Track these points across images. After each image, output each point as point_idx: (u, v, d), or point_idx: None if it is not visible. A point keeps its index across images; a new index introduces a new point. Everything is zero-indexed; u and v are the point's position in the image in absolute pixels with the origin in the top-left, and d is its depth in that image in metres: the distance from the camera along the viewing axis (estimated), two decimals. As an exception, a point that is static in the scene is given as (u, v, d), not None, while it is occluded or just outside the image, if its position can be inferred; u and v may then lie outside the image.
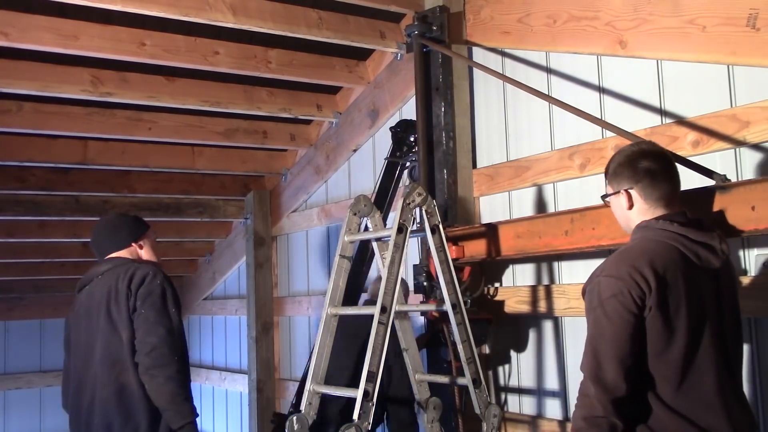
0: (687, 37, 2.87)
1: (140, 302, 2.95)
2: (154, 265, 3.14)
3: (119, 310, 2.97)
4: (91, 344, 3.03)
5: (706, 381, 2.03)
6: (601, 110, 3.28)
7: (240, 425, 6.62)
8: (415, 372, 3.22)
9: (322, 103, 5.09)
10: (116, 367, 2.96)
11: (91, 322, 3.05)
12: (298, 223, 5.78)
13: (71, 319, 3.20)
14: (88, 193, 5.70)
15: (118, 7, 3.50)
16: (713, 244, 2.10)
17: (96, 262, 3.22)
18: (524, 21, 3.58)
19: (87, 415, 3.01)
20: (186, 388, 2.98)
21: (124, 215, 3.36)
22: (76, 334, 3.15)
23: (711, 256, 2.10)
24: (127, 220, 3.29)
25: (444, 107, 3.78)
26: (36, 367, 8.13)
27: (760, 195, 2.26)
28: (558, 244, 2.95)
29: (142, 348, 2.91)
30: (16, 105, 4.49)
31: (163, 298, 2.99)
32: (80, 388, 3.06)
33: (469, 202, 3.83)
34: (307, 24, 4.05)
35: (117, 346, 2.96)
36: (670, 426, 2.01)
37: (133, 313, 2.96)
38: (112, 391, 2.95)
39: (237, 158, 5.74)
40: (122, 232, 3.21)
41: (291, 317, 5.93)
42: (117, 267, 3.09)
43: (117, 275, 3.03)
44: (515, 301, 3.57)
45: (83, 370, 3.06)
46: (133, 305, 2.96)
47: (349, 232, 3.07)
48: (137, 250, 3.22)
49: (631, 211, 2.21)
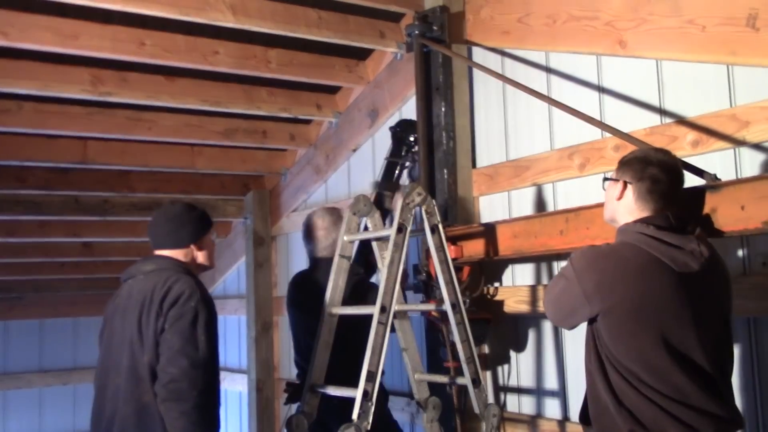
0: (687, 37, 2.87)
1: (168, 325, 2.75)
2: (196, 281, 2.88)
3: (148, 327, 2.77)
4: (120, 350, 2.84)
5: (674, 381, 2.06)
6: (600, 110, 3.28)
7: (239, 425, 6.62)
8: (414, 372, 3.23)
9: (322, 102, 5.09)
10: (140, 385, 2.77)
11: (125, 325, 2.85)
12: (297, 223, 5.76)
13: (109, 312, 2.99)
14: (88, 193, 5.70)
15: (118, 7, 3.50)
16: (690, 248, 2.12)
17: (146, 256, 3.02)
18: (524, 21, 3.59)
19: (107, 429, 2.85)
20: (203, 426, 2.77)
21: (192, 208, 3.04)
22: (109, 332, 2.95)
23: (689, 260, 2.11)
24: (193, 216, 3.00)
25: (444, 107, 3.78)
26: (36, 367, 8.12)
27: (749, 194, 2.26)
28: (554, 243, 2.95)
29: (161, 377, 2.73)
30: (16, 105, 4.49)
31: (194, 324, 2.76)
32: (103, 397, 2.89)
33: (468, 202, 3.83)
34: (307, 24, 4.05)
35: (142, 364, 2.77)
36: (647, 413, 2.07)
37: (159, 334, 2.76)
38: (133, 410, 2.78)
39: (237, 158, 5.74)
40: (184, 229, 2.96)
41: (291, 317, 5.92)
42: (161, 271, 2.87)
43: (155, 283, 2.81)
44: (515, 300, 3.57)
45: (109, 376, 2.88)
46: (162, 326, 2.76)
47: (349, 232, 3.08)
48: (194, 252, 2.98)
49: (618, 203, 2.25)
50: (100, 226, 6.34)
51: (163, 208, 3.09)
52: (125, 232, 6.55)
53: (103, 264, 7.28)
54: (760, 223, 2.23)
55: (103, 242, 6.87)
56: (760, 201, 2.24)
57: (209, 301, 2.86)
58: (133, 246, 7.03)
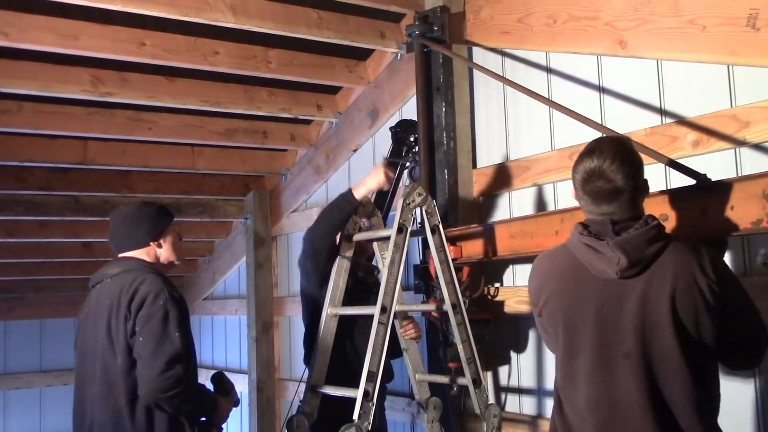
0: (687, 37, 2.87)
1: (139, 327, 2.68)
2: (162, 280, 2.81)
3: (117, 331, 2.71)
4: (93, 358, 2.79)
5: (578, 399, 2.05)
6: (601, 110, 3.28)
7: (240, 425, 6.62)
8: (415, 372, 3.23)
9: (322, 103, 5.09)
10: (113, 392, 2.71)
11: (96, 331, 2.80)
12: (298, 223, 5.78)
13: (81, 318, 2.96)
14: (88, 193, 5.70)
15: (118, 7, 3.50)
16: (604, 252, 1.97)
17: (112, 259, 2.99)
18: (524, 21, 3.58)
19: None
20: (196, 409, 2.79)
21: (148, 206, 2.98)
22: (82, 338, 2.91)
23: (606, 266, 1.97)
24: (148, 213, 2.94)
25: (445, 107, 3.78)
26: (36, 367, 8.11)
27: (739, 195, 2.24)
28: (549, 244, 2.93)
29: (140, 379, 2.67)
30: (16, 105, 4.49)
31: (165, 323, 2.69)
32: (82, 404, 2.86)
33: (469, 203, 3.83)
34: (307, 24, 4.05)
35: (114, 370, 2.71)
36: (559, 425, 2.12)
37: (131, 338, 2.69)
38: (108, 417, 2.72)
39: (237, 158, 5.74)
40: (141, 228, 2.90)
41: (291, 317, 5.92)
42: (126, 273, 2.82)
43: (122, 286, 2.76)
44: (515, 301, 3.57)
45: (85, 385, 2.84)
46: (132, 329, 2.69)
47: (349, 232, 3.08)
48: (155, 250, 2.93)
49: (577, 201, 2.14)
50: (100, 226, 6.32)
51: (118, 209, 3.04)
52: (125, 232, 6.54)
53: (103, 264, 7.25)
54: (749, 224, 2.20)
55: (103, 242, 6.83)
56: (748, 201, 2.21)
57: (179, 298, 2.80)
58: (133, 246, 7.01)
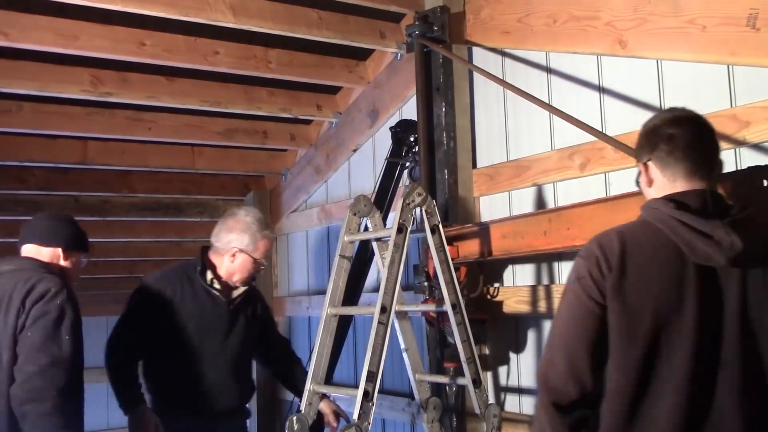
0: (687, 37, 2.87)
1: (30, 322, 2.58)
2: (62, 280, 2.75)
3: (6, 326, 2.60)
4: None
5: (660, 409, 1.64)
6: (601, 110, 3.28)
7: (240, 425, 6.62)
8: (415, 372, 3.23)
9: (322, 103, 5.09)
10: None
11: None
12: (298, 223, 5.78)
13: None
14: (87, 193, 5.70)
15: (118, 7, 3.50)
16: (716, 236, 1.64)
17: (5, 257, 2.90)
18: (524, 21, 3.58)
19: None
20: (64, 429, 2.56)
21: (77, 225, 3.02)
22: None
23: (712, 251, 1.64)
24: (76, 229, 2.99)
25: (445, 107, 3.78)
26: (36, 367, 8.12)
27: None
28: (538, 244, 2.95)
29: (18, 376, 2.54)
30: (16, 105, 4.49)
31: (58, 323, 2.60)
32: None
33: (469, 203, 3.83)
34: (307, 24, 4.05)
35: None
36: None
37: (19, 333, 2.58)
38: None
39: (237, 158, 5.74)
40: (62, 232, 2.92)
41: (291, 317, 5.92)
42: (21, 271, 2.74)
43: (16, 283, 2.66)
44: (515, 301, 3.57)
45: None
46: (22, 324, 2.59)
47: (349, 232, 3.08)
48: (60, 256, 2.89)
49: (651, 190, 1.83)
50: (100, 226, 6.33)
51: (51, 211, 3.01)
52: (125, 232, 6.54)
53: (103, 264, 7.28)
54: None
55: (103, 242, 6.87)
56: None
57: (76, 302, 2.73)
58: (133, 246, 7.03)
